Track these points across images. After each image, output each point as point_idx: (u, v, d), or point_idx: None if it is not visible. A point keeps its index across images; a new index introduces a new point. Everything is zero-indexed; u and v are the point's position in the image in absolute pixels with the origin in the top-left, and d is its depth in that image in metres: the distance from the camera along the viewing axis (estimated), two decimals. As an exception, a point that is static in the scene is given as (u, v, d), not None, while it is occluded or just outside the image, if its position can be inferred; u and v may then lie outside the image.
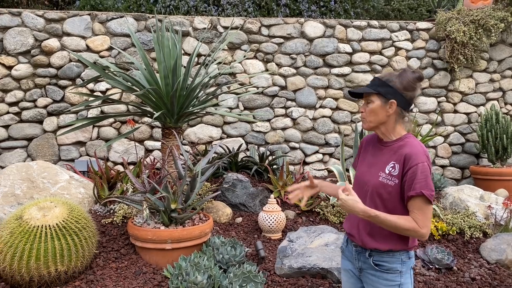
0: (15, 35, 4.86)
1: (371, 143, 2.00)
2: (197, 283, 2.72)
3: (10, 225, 2.70)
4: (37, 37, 4.92)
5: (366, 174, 1.91)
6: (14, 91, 4.89)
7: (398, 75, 1.87)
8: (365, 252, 1.88)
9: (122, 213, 3.43)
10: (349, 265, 1.99)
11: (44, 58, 4.93)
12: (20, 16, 4.90)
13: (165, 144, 3.74)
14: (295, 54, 5.45)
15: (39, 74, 4.94)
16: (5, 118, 4.88)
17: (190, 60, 3.71)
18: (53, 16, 4.97)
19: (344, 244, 2.04)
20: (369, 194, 1.85)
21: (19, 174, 3.43)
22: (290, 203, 3.97)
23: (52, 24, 4.97)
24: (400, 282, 1.83)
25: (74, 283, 2.76)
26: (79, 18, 5.03)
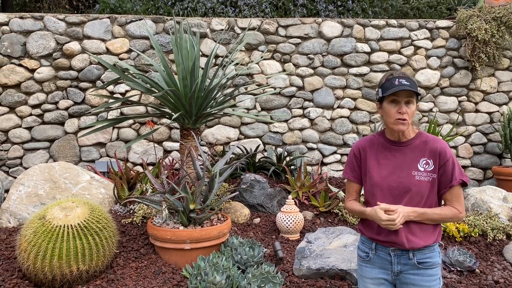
0: (37, 39, 4.98)
1: (373, 148, 1.97)
2: (216, 283, 2.73)
3: (34, 224, 2.76)
4: (59, 41, 5.03)
5: (392, 178, 1.88)
6: (37, 94, 5.00)
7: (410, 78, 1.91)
8: (407, 254, 1.88)
9: (142, 213, 3.47)
10: (379, 273, 1.94)
11: (65, 61, 5.04)
12: (42, 20, 5.01)
13: (184, 145, 3.77)
14: (312, 54, 5.43)
15: (60, 76, 5.04)
16: (28, 120, 4.99)
17: (208, 62, 3.73)
18: (74, 19, 5.07)
19: (370, 252, 1.97)
20: (407, 196, 1.85)
21: (42, 175, 3.51)
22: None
23: (73, 28, 5.07)
24: (440, 274, 1.91)
25: (95, 282, 2.81)
26: (99, 22, 5.12)
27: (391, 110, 1.87)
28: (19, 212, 3.33)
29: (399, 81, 1.85)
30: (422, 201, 1.87)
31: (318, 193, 4.09)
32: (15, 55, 4.94)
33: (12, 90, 4.96)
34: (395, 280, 1.93)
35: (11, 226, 3.32)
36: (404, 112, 1.84)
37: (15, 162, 5.00)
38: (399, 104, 1.85)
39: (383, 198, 1.88)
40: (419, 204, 1.86)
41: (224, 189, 3.91)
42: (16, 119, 4.98)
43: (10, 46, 4.92)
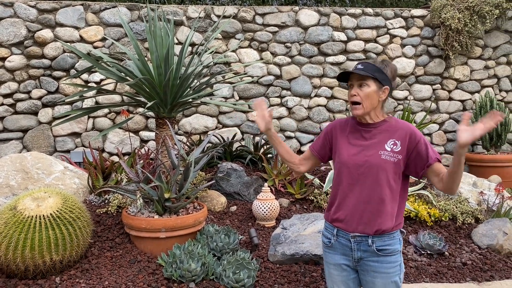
0: (7, 26, 4.84)
1: (346, 129, 2.01)
2: (191, 271, 2.75)
3: (5, 215, 2.71)
4: (30, 28, 4.90)
5: (359, 157, 1.92)
6: (8, 83, 4.88)
7: (384, 64, 1.94)
8: (366, 240, 1.90)
9: (117, 203, 3.45)
10: (340, 259, 1.97)
11: (38, 49, 4.92)
12: (12, 7, 4.87)
13: (159, 134, 3.75)
14: (290, 43, 5.43)
15: (32, 65, 4.93)
16: (0, 110, 4.88)
17: (183, 49, 3.70)
18: (46, 6, 4.95)
19: (332, 238, 1.99)
20: (371, 174, 1.87)
21: (13, 165, 3.44)
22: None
23: (45, 15, 4.94)
24: (400, 261, 1.93)
25: (70, 272, 2.79)
26: (72, 9, 5.01)
27: (348, 95, 1.96)
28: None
29: (356, 66, 1.93)
30: (386, 179, 1.87)
31: (294, 180, 4.13)
32: (-15, 43, 4.80)
33: (-18, 79, 4.83)
34: (356, 266, 1.96)
35: (-18, 218, 3.26)
36: (354, 94, 1.90)
37: (-13, 153, 4.89)
38: (353, 88, 1.92)
39: (349, 175, 1.93)
40: (382, 182, 1.86)
41: (201, 177, 3.91)
42: (-13, 109, 4.86)
43: (-21, 34, 4.78)
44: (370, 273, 1.91)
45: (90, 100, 5.05)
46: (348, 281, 1.99)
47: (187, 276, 2.76)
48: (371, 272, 1.90)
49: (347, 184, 1.93)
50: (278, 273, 2.96)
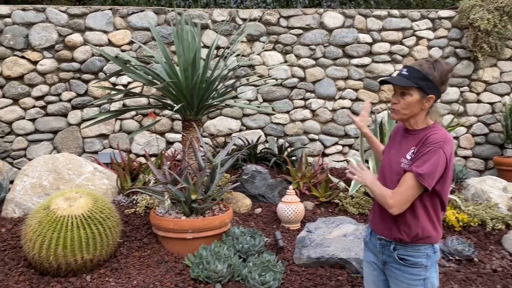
0: (40, 31, 5.00)
1: (398, 133, 2.00)
2: (217, 272, 2.78)
3: (38, 214, 2.81)
4: (61, 33, 5.05)
5: (388, 162, 1.92)
6: (40, 86, 5.04)
7: (433, 67, 1.80)
8: (389, 245, 1.88)
9: (145, 204, 3.52)
10: (372, 258, 1.99)
11: (68, 52, 5.06)
12: (44, 12, 5.03)
13: (185, 136, 3.80)
14: (314, 45, 5.42)
15: (63, 68, 5.07)
16: (32, 112, 5.04)
17: (209, 53, 3.75)
18: (76, 11, 5.09)
19: (367, 236, 2.04)
20: (392, 181, 1.84)
21: (46, 166, 3.56)
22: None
23: (75, 20, 5.08)
24: (425, 276, 1.82)
25: (99, 271, 2.86)
26: (101, 13, 5.13)
27: (391, 99, 1.90)
28: (24, 202, 3.39)
29: (401, 70, 1.84)
30: None
31: (318, 183, 4.12)
32: (18, 47, 4.97)
33: (16, 82, 4.99)
34: (383, 269, 1.95)
35: (16, 217, 3.38)
36: (394, 102, 1.85)
37: (19, 153, 5.05)
38: (395, 94, 1.87)
39: (381, 178, 1.93)
40: None
41: (226, 179, 3.95)
42: (20, 111, 5.02)
43: (13, 38, 4.95)
44: (393, 279, 1.89)
45: (117, 103, 5.16)
46: (378, 281, 1.99)
47: (213, 277, 2.79)
48: (394, 279, 1.89)
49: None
50: (303, 276, 2.96)
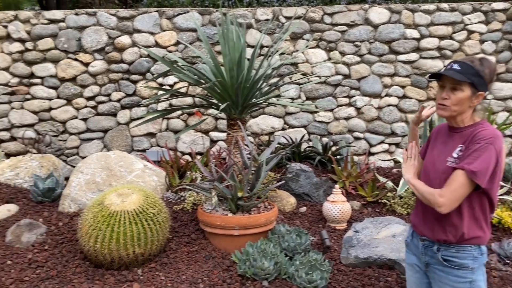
0: (91, 34, 5.22)
1: (441, 132, 1.94)
2: (264, 269, 2.80)
3: (93, 209, 2.93)
4: (111, 35, 5.24)
5: (434, 161, 1.86)
6: (91, 86, 5.26)
7: (483, 64, 1.75)
8: (432, 246, 1.82)
9: (192, 200, 3.59)
10: (414, 260, 1.94)
11: (117, 54, 5.25)
12: (95, 16, 5.24)
13: (231, 134, 3.84)
14: (359, 42, 5.33)
15: (112, 69, 5.27)
16: (84, 112, 5.27)
17: (254, 53, 3.77)
18: (125, 14, 5.27)
19: (409, 237, 1.99)
20: (437, 180, 1.79)
21: (99, 163, 3.71)
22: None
23: (123, 22, 5.26)
24: (471, 279, 1.75)
25: (150, 265, 2.95)
26: (148, 15, 5.28)
27: (438, 95, 1.83)
28: (79, 198, 3.55)
29: (451, 65, 1.77)
30: None
31: (365, 183, 4.05)
32: (71, 50, 5.21)
33: (69, 83, 5.24)
34: (426, 271, 1.88)
35: (72, 211, 3.55)
36: (444, 97, 1.77)
37: (72, 151, 5.30)
38: (444, 89, 1.78)
39: (424, 179, 1.87)
40: None
41: (270, 178, 3.96)
42: (73, 111, 5.27)
43: (67, 42, 5.20)
44: (436, 282, 1.83)
45: (164, 102, 5.30)
46: (421, 284, 1.93)
47: (260, 274, 2.81)
48: (438, 282, 1.82)
49: None
50: (351, 276, 2.92)
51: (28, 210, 3.60)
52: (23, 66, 5.17)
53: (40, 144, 4.31)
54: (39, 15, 5.18)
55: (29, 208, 3.63)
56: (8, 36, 5.15)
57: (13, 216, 3.49)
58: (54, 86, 5.22)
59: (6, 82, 5.17)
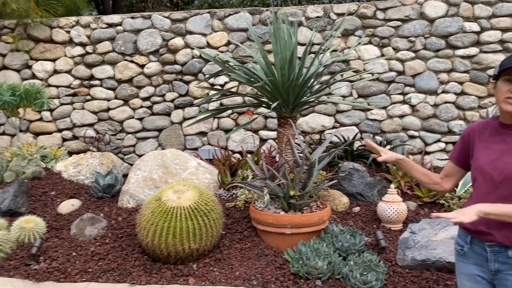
0: (146, 36, 5.41)
1: (485, 131, 1.81)
2: (317, 268, 2.78)
3: (151, 205, 3.04)
4: (164, 37, 5.41)
5: (496, 163, 1.72)
6: (147, 87, 5.46)
7: None
8: (505, 251, 1.69)
9: (244, 198, 3.64)
10: (474, 270, 1.79)
11: (171, 56, 5.41)
12: (150, 19, 5.43)
13: (282, 133, 3.85)
14: (413, 37, 5.15)
15: (166, 70, 5.44)
16: (140, 112, 5.48)
17: (306, 51, 3.75)
18: (178, 16, 5.42)
19: (465, 245, 1.83)
20: (506, 184, 1.68)
21: (155, 161, 3.85)
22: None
23: (176, 24, 5.41)
24: None
25: (204, 260, 3.02)
26: (200, 17, 5.40)
27: (502, 88, 1.69)
28: (137, 194, 3.70)
29: None
30: None
31: (421, 182, 3.90)
32: (128, 53, 5.43)
33: (126, 85, 5.47)
34: (493, 279, 1.74)
35: (131, 207, 3.70)
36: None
37: (129, 149, 5.53)
38: (510, 83, 1.67)
39: (484, 183, 1.74)
40: None
41: (322, 177, 3.92)
42: (130, 111, 5.49)
43: (123, 44, 5.42)
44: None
45: (215, 102, 5.40)
46: None
47: (313, 273, 2.79)
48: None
49: (482, 193, 1.75)
50: (407, 278, 2.83)
51: (90, 205, 3.80)
52: (84, 68, 5.46)
53: (100, 143, 4.53)
54: (98, 19, 5.45)
55: (91, 203, 3.83)
56: (70, 41, 5.46)
57: (76, 210, 3.70)
58: (112, 87, 5.47)
59: (68, 84, 5.49)
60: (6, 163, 4.22)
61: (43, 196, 3.91)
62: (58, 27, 5.45)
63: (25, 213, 3.62)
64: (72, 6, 6.23)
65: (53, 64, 5.48)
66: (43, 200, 3.86)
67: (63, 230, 3.42)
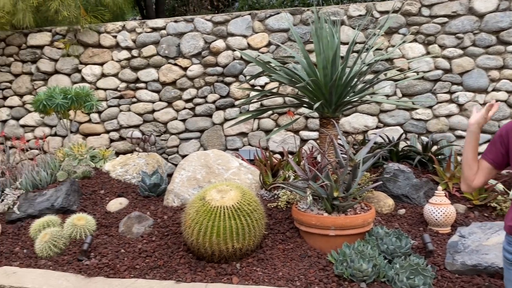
0: (189, 39, 5.53)
1: None
2: (362, 271, 2.73)
3: (196, 204, 3.10)
4: (206, 40, 5.51)
5: None
6: (189, 89, 5.58)
7: None
8: None
9: (286, 199, 3.63)
10: None
11: (212, 58, 5.50)
12: (192, 22, 5.54)
13: (324, 133, 3.81)
14: (461, 33, 4.96)
15: (208, 73, 5.53)
16: (183, 113, 5.60)
17: (349, 50, 3.70)
18: (219, 19, 5.50)
19: None
20: None
21: (199, 161, 3.92)
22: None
23: (218, 27, 5.49)
24: None
25: (247, 260, 3.04)
26: (241, 19, 5.45)
27: None
28: (181, 193, 3.79)
29: None
30: None
31: (470, 184, 3.75)
32: (171, 56, 5.57)
33: (170, 87, 5.61)
34: None
35: (175, 205, 3.79)
36: None
37: (173, 150, 5.67)
38: None
39: None
40: None
41: (366, 178, 3.85)
42: (173, 113, 5.63)
43: (167, 48, 5.57)
44: None
45: (256, 103, 5.43)
46: None
47: (358, 276, 2.75)
48: None
49: None
50: (457, 283, 2.73)
51: (136, 203, 3.93)
52: (130, 72, 5.65)
53: (145, 143, 4.67)
54: (143, 24, 5.63)
55: (137, 202, 3.95)
56: (117, 45, 5.67)
57: (124, 209, 3.83)
58: (157, 89, 5.62)
59: (115, 87, 5.70)
60: (59, 163, 4.44)
61: (93, 194, 4.09)
62: (105, 32, 5.67)
63: (76, 210, 3.79)
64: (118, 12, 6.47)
65: (101, 68, 5.71)
66: (93, 198, 4.02)
67: (112, 227, 3.55)
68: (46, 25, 5.90)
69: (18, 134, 5.89)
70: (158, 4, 9.69)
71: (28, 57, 5.82)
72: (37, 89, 5.84)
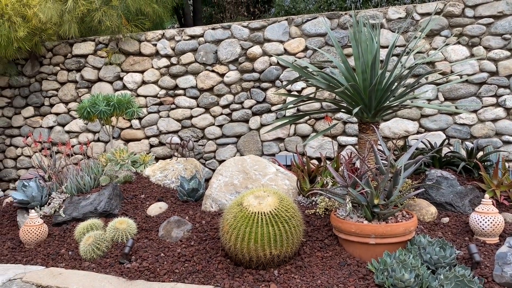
0: (226, 46, 5.59)
1: None
2: (404, 281, 2.65)
3: (233, 210, 3.11)
4: (243, 46, 5.55)
5: None
6: (226, 95, 5.63)
7: None
8: None
9: (324, 205, 3.59)
10: None
11: (249, 64, 5.53)
12: (230, 29, 5.60)
13: (363, 139, 3.74)
14: (508, 34, 4.74)
15: (245, 78, 5.57)
16: (220, 119, 5.66)
17: (389, 53, 3.62)
18: (256, 25, 5.53)
19: None
20: None
21: (236, 167, 3.94)
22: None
23: (255, 33, 5.53)
24: None
25: (285, 267, 3.02)
26: (278, 24, 5.46)
27: None
28: (219, 198, 3.82)
29: None
30: None
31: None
32: (209, 62, 5.65)
33: (207, 93, 5.69)
34: None
35: (213, 211, 3.83)
36: None
37: (210, 155, 5.73)
38: None
39: None
40: None
41: (407, 185, 3.74)
42: (210, 118, 5.70)
43: (205, 55, 5.65)
44: None
45: (292, 108, 5.41)
46: None
47: (399, 286, 2.67)
48: None
49: None
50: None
51: (175, 208, 3.99)
52: (169, 79, 5.78)
53: (184, 149, 4.75)
54: (182, 32, 5.74)
55: (176, 207, 4.02)
56: (157, 53, 5.82)
57: (163, 213, 3.91)
58: (195, 96, 5.72)
59: (155, 94, 5.84)
60: (102, 168, 4.59)
61: (134, 199, 4.19)
62: (145, 40, 5.84)
63: (118, 214, 3.90)
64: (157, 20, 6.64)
65: (141, 76, 5.87)
66: (134, 202, 4.13)
67: (152, 231, 3.63)
68: (90, 35, 6.15)
69: (64, 140, 6.15)
70: (195, 12, 9.88)
71: (73, 66, 6.08)
72: (81, 97, 6.08)
